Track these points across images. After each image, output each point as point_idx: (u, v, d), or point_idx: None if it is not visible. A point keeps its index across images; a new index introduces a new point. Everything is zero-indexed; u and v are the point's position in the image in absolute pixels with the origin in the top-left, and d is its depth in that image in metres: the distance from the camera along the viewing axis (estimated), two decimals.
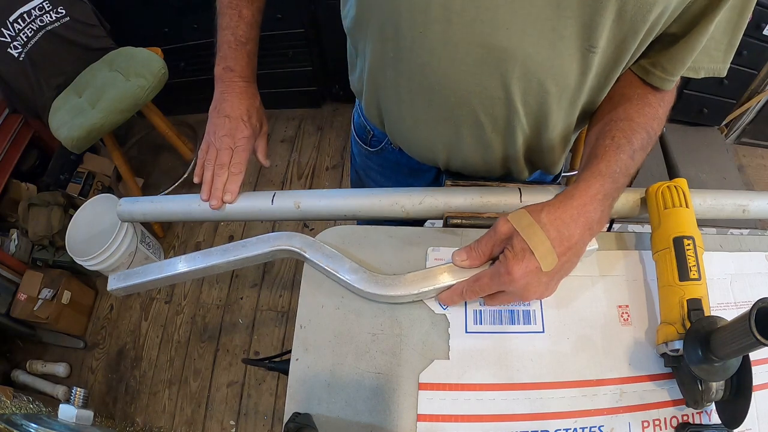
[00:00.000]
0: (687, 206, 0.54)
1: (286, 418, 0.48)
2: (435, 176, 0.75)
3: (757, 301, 0.38)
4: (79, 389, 0.54)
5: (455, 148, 0.64)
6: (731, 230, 0.63)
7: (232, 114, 0.67)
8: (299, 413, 0.49)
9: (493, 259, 0.52)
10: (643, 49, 0.52)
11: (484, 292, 0.51)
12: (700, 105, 1.86)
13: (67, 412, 0.52)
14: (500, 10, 0.46)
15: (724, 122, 1.95)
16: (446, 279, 0.53)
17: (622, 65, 0.52)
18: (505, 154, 0.64)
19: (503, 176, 0.70)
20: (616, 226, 0.66)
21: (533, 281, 0.48)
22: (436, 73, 0.53)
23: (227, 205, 0.65)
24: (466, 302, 0.55)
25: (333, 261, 0.56)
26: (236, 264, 0.60)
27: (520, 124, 0.57)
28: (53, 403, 1.57)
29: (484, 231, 0.60)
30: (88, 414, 0.53)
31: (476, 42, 0.48)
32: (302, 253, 0.57)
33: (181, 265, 0.61)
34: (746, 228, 0.63)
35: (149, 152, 2.21)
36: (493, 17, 0.46)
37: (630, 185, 0.56)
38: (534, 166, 0.69)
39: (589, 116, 0.61)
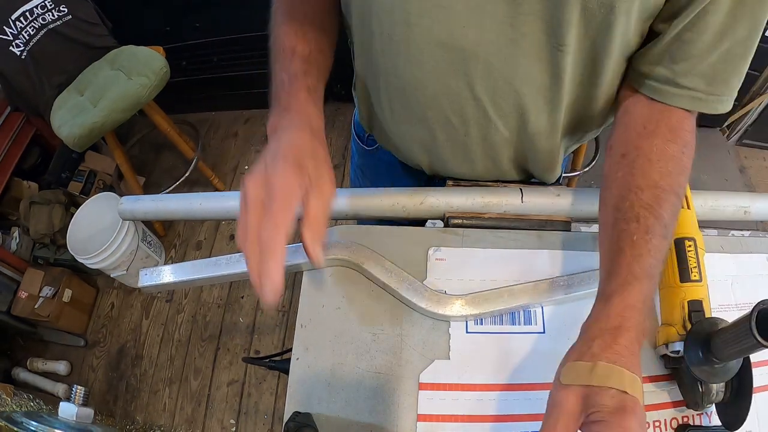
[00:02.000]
0: (688, 207, 0.53)
1: (286, 418, 0.48)
2: (427, 180, 0.74)
3: (758, 302, 0.38)
4: (79, 387, 0.54)
5: (433, 151, 0.63)
6: (732, 232, 0.63)
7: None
8: (299, 412, 0.49)
9: None
10: (629, 47, 0.48)
11: None
12: None
13: (67, 410, 0.52)
14: (456, 9, 0.45)
15: (725, 123, 1.94)
16: (505, 299, 0.52)
17: (604, 64, 0.48)
18: (487, 157, 0.62)
19: (494, 182, 0.67)
20: None
21: (642, 420, 0.37)
22: (405, 74, 0.52)
23: (228, 204, 0.65)
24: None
25: (393, 276, 0.55)
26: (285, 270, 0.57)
27: (494, 125, 0.56)
28: (54, 401, 1.58)
29: (484, 231, 0.60)
30: (89, 412, 0.54)
31: (435, 42, 0.48)
32: (360, 264, 0.56)
33: (223, 266, 0.56)
34: (747, 229, 0.63)
35: (151, 151, 2.21)
36: (449, 16, 0.45)
37: None
38: (525, 172, 0.67)
39: (587, 121, 0.58)
